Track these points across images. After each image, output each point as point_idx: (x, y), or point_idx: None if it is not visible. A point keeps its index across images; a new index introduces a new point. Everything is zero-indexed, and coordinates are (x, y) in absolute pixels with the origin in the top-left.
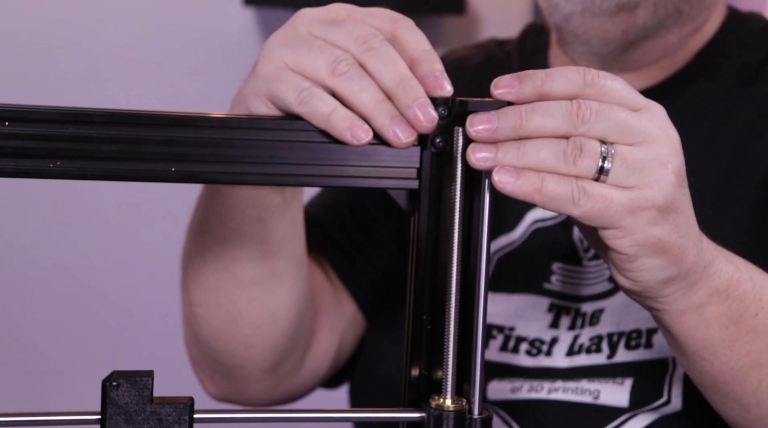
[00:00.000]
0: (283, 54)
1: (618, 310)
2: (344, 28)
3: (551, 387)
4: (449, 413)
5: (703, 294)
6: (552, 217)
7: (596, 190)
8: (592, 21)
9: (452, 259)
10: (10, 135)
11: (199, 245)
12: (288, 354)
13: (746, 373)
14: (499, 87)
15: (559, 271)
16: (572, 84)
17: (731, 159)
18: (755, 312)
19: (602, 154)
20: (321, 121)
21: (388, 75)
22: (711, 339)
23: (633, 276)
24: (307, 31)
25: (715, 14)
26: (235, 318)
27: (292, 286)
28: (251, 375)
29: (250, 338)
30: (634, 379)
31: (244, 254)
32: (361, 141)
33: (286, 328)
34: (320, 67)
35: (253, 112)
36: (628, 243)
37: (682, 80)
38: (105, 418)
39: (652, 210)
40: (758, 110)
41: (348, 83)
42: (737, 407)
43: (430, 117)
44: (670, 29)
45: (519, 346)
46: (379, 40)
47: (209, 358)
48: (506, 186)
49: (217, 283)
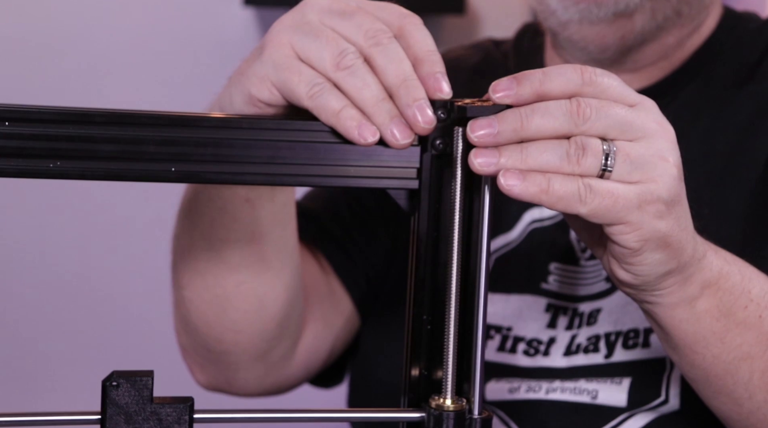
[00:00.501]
0: (292, 40)
1: (615, 310)
2: (354, 20)
3: (549, 387)
4: (449, 413)
5: (696, 287)
6: (549, 217)
7: (602, 186)
8: (590, 29)
9: (452, 259)
10: (10, 135)
11: (188, 225)
12: (277, 341)
13: (737, 366)
14: (498, 91)
15: (557, 271)
16: (571, 83)
17: (727, 158)
18: (745, 304)
19: (605, 151)
20: (329, 117)
21: (393, 72)
22: (703, 332)
23: (635, 270)
24: (317, 19)
25: (712, 14)
26: (223, 302)
27: (281, 272)
28: (240, 363)
29: (238, 323)
30: (632, 379)
31: (232, 235)
32: (368, 141)
33: (275, 314)
34: (325, 58)
35: (254, 94)
36: (635, 237)
37: (678, 80)
38: (105, 418)
39: (659, 203)
40: (754, 109)
41: (352, 78)
42: (729, 401)
43: (428, 118)
44: (669, 31)
45: (517, 346)
46: (387, 36)
47: (198, 344)
48: (513, 188)
49: (205, 265)
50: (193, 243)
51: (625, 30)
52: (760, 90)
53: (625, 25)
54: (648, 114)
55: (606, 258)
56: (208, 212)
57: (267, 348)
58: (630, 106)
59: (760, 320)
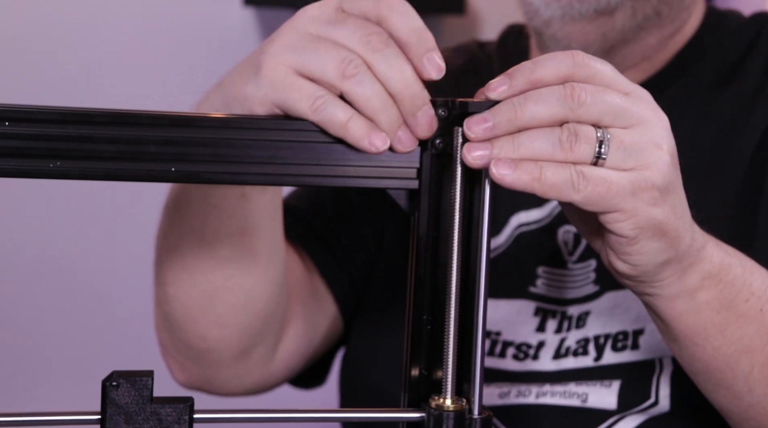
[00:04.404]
0: (289, 59)
1: (604, 312)
2: (347, 27)
3: (539, 391)
4: (449, 413)
5: (696, 278)
6: (536, 221)
7: (595, 173)
8: (572, 25)
9: (452, 259)
10: (10, 135)
11: (177, 222)
12: (261, 339)
13: (738, 359)
14: (493, 89)
15: (545, 275)
16: (562, 65)
17: (712, 156)
18: (746, 297)
19: (598, 138)
20: (337, 129)
21: (395, 79)
22: (703, 324)
23: (632, 259)
24: (310, 32)
25: (695, 14)
26: (211, 297)
27: (268, 265)
28: (222, 361)
29: (224, 318)
30: (621, 381)
31: (224, 230)
32: (379, 149)
33: (261, 309)
34: (329, 69)
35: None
36: (630, 225)
37: (661, 81)
38: (105, 418)
39: (653, 190)
40: (737, 108)
41: (359, 87)
42: (729, 394)
43: (431, 124)
44: (650, 32)
45: (506, 351)
46: (382, 39)
47: (179, 342)
48: (505, 177)
49: (193, 261)
50: (182, 240)
51: (606, 27)
52: (743, 89)
53: (606, 22)
54: (642, 102)
55: (604, 250)
56: (201, 208)
57: (251, 345)
58: (624, 94)
59: (761, 313)
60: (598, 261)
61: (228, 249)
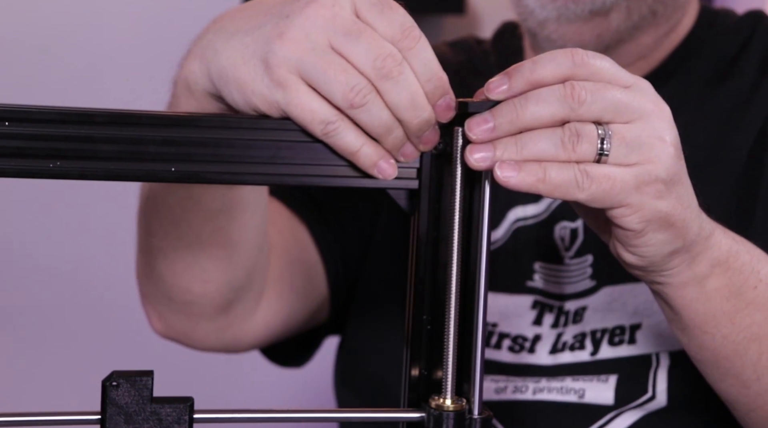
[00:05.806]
0: (300, 69)
1: (601, 307)
2: (361, 44)
3: (536, 387)
4: (449, 413)
5: (705, 266)
6: (533, 216)
7: (599, 170)
8: (567, 26)
9: (452, 259)
10: (10, 135)
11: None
12: (243, 292)
13: (747, 347)
14: (492, 89)
15: (542, 270)
16: (562, 66)
17: (709, 153)
18: (754, 284)
19: (600, 136)
20: (347, 154)
21: (405, 109)
22: (713, 311)
23: (640, 251)
24: (324, 42)
25: (689, 13)
26: (197, 250)
27: (254, 213)
28: (203, 314)
29: (208, 272)
30: (618, 376)
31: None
32: (390, 177)
33: (245, 261)
34: (337, 95)
35: (258, 109)
36: (637, 219)
37: (656, 79)
38: (105, 418)
39: (657, 183)
40: (733, 105)
41: (366, 116)
42: (737, 383)
43: (435, 140)
44: (645, 31)
45: (501, 342)
46: (397, 64)
47: (160, 293)
48: (510, 180)
49: (181, 214)
50: (170, 192)
51: (601, 28)
52: (738, 86)
53: (601, 23)
54: (643, 94)
55: (612, 242)
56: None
57: (232, 298)
58: (625, 88)
59: None
60: (594, 256)
61: (219, 201)
